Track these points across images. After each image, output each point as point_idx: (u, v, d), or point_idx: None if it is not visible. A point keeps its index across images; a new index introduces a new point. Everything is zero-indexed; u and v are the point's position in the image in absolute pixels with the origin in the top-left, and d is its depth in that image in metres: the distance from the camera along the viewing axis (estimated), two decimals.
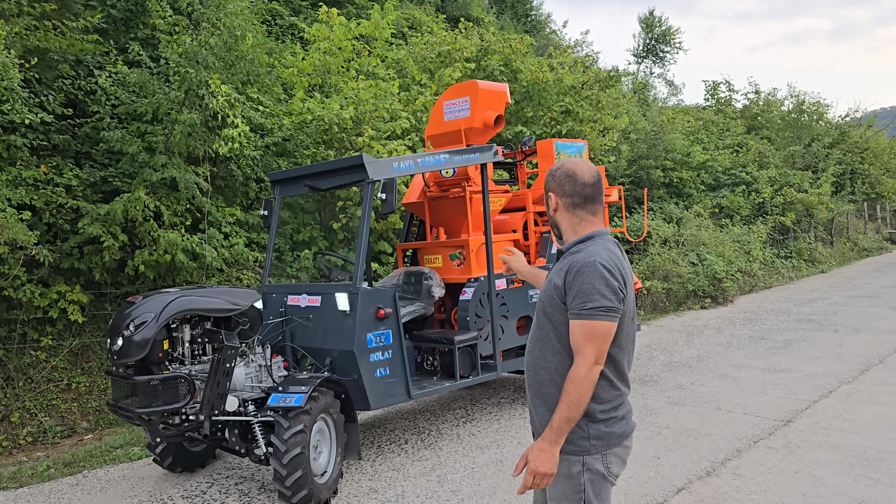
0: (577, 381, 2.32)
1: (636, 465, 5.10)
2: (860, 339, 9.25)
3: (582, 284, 2.35)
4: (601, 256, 2.39)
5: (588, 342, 2.33)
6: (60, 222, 7.17)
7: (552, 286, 2.47)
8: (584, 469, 2.41)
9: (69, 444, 6.47)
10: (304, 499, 4.41)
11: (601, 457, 2.42)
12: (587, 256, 2.40)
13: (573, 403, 2.32)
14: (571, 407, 2.33)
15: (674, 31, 36.25)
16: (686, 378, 7.71)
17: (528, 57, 13.04)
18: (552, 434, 2.35)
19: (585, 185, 2.51)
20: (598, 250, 2.42)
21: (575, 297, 2.36)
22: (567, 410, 2.33)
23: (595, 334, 2.32)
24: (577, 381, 2.32)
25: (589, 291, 2.33)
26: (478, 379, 6.08)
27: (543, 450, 2.35)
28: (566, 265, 2.45)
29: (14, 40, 6.91)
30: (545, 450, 2.35)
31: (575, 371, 2.33)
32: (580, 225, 2.54)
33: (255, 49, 9.03)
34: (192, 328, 4.70)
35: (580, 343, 2.34)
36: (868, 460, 4.96)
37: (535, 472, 2.36)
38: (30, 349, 7.04)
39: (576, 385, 2.32)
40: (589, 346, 2.32)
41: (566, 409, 2.33)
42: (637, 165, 15.94)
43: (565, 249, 2.54)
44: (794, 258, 18.79)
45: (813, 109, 24.20)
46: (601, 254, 2.40)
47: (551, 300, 2.46)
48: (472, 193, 6.65)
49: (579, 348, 2.35)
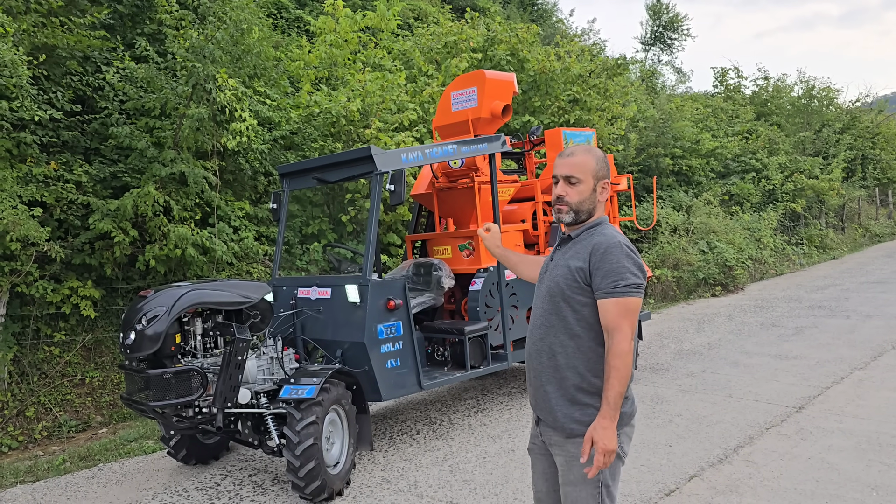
0: (624, 355, 2.37)
1: (648, 452, 5.10)
2: (872, 325, 9.20)
3: (611, 264, 2.41)
4: (621, 238, 2.48)
5: (624, 318, 2.39)
6: (71, 218, 7.21)
7: (571, 269, 2.49)
8: None
9: (84, 438, 6.53)
10: (317, 489, 4.44)
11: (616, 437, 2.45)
12: (610, 238, 2.46)
13: (623, 378, 2.38)
14: (622, 381, 2.38)
15: (681, 18, 35.95)
16: (697, 366, 7.70)
17: (534, 46, 12.98)
18: (611, 410, 2.38)
19: None
20: (615, 233, 2.50)
21: (605, 276, 2.41)
22: (619, 385, 2.37)
23: (630, 310, 2.40)
24: (623, 355, 2.37)
25: (620, 270, 2.40)
26: (488, 369, 6.09)
27: (607, 427, 2.38)
28: (588, 247, 2.48)
29: (22, 37, 6.94)
30: (608, 427, 2.38)
31: (619, 346, 2.38)
32: (599, 207, 2.60)
33: (262, 42, 9.02)
34: (203, 322, 4.72)
35: (617, 320, 2.40)
36: (881, 446, 4.95)
37: (606, 451, 2.37)
38: (43, 345, 7.10)
39: (622, 359, 2.37)
40: (626, 322, 2.39)
41: (618, 384, 2.37)
42: (646, 154, 15.86)
43: (575, 235, 2.57)
44: (805, 245, 18.68)
45: (823, 95, 24.00)
46: (619, 236, 2.49)
47: (571, 283, 2.49)
48: (480, 184, 6.64)
49: (617, 325, 2.39)
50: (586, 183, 2.54)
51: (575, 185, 2.54)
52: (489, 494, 4.56)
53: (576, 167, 2.54)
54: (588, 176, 2.54)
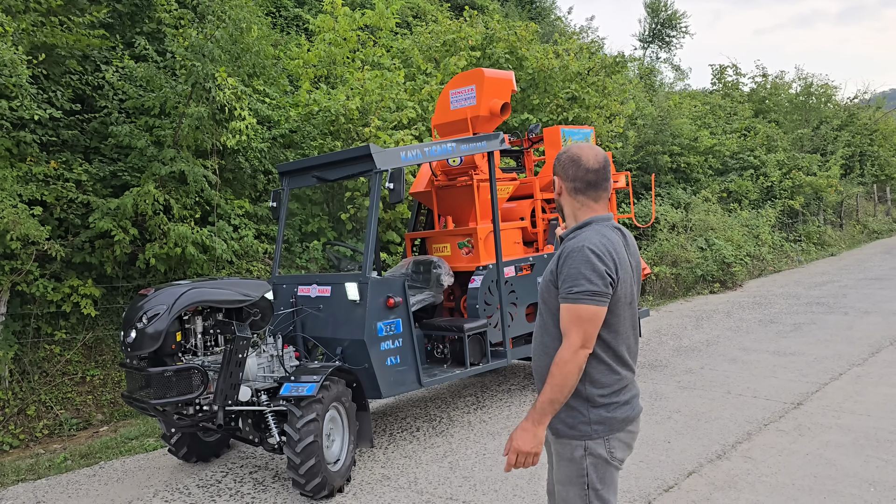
0: (561, 363, 2.34)
1: (647, 449, 5.13)
2: (870, 322, 9.23)
3: (569, 269, 2.37)
4: (591, 241, 2.39)
5: (574, 325, 2.34)
6: (71, 217, 7.22)
7: (548, 272, 2.50)
8: (587, 454, 2.44)
9: (85, 437, 6.55)
10: (317, 486, 4.46)
11: (604, 441, 2.44)
12: (578, 242, 2.41)
13: (556, 385, 2.34)
14: (554, 389, 2.34)
15: (680, 16, 35.93)
16: (696, 362, 7.73)
17: (533, 44, 12.98)
18: (535, 414, 2.38)
19: (588, 171, 2.49)
20: (591, 235, 2.43)
21: (563, 281, 2.38)
22: (550, 391, 2.35)
23: (581, 318, 2.34)
24: (560, 363, 2.34)
25: (575, 276, 2.35)
26: (488, 366, 6.11)
27: (525, 429, 2.39)
28: (560, 251, 2.47)
29: (21, 37, 6.95)
30: (527, 429, 2.38)
31: (559, 354, 2.36)
32: (580, 210, 2.53)
33: (261, 41, 9.03)
34: (204, 320, 4.74)
35: (566, 326, 2.37)
36: (879, 441, 4.97)
37: (518, 451, 2.39)
38: (44, 343, 7.12)
39: (559, 367, 2.34)
40: (574, 330, 2.34)
41: (549, 390, 2.35)
42: (644, 151, 15.87)
43: (565, 236, 2.54)
44: (804, 242, 18.71)
45: (821, 92, 23.99)
46: (592, 238, 2.41)
47: (547, 286, 2.49)
48: (479, 182, 6.66)
49: (566, 331, 2.37)
50: (554, 183, 2.59)
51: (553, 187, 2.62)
52: (489, 491, 4.58)
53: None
54: (553, 175, 2.58)
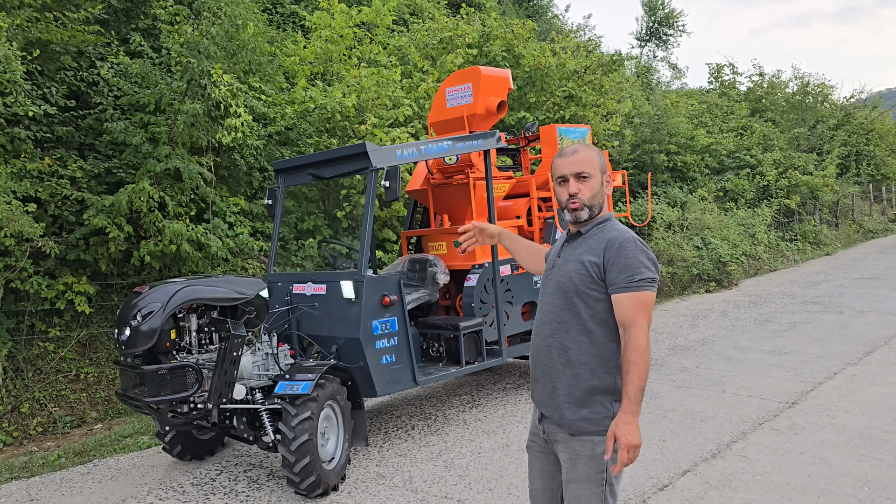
0: (642, 350, 2.39)
1: (642, 448, 5.08)
2: (865, 321, 9.25)
3: (627, 259, 2.44)
4: (633, 233, 2.52)
5: (641, 312, 2.41)
6: (66, 214, 7.20)
7: (585, 264, 2.50)
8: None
9: (79, 434, 6.53)
10: (312, 485, 4.45)
11: None
12: (623, 233, 2.50)
13: (643, 372, 2.38)
14: (642, 376, 2.38)
15: (677, 14, 35.90)
16: (691, 361, 7.73)
17: (530, 42, 12.97)
18: (632, 405, 2.39)
19: None
20: (626, 228, 2.54)
21: (621, 271, 2.43)
22: (639, 380, 2.38)
23: (645, 304, 2.42)
24: (641, 350, 2.39)
25: (635, 265, 2.43)
26: (483, 365, 6.10)
27: (629, 423, 2.39)
28: (601, 242, 2.50)
29: (16, 32, 6.92)
30: (631, 423, 2.39)
31: (637, 341, 2.39)
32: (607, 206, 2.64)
33: (257, 38, 9.01)
34: (198, 318, 4.72)
35: (634, 315, 2.41)
36: (873, 441, 4.98)
37: (630, 446, 2.38)
38: (38, 340, 7.09)
39: (641, 354, 2.39)
40: (643, 316, 2.41)
41: (637, 378, 2.38)
42: (641, 150, 15.88)
43: (585, 231, 2.58)
44: (799, 241, 18.75)
45: (817, 91, 24.06)
46: (631, 231, 2.53)
47: (585, 278, 2.50)
48: (475, 180, 6.65)
49: (634, 320, 2.41)
50: (595, 178, 2.57)
51: (586, 181, 2.56)
52: (483, 489, 4.58)
53: (584, 163, 2.56)
54: (596, 170, 2.57)
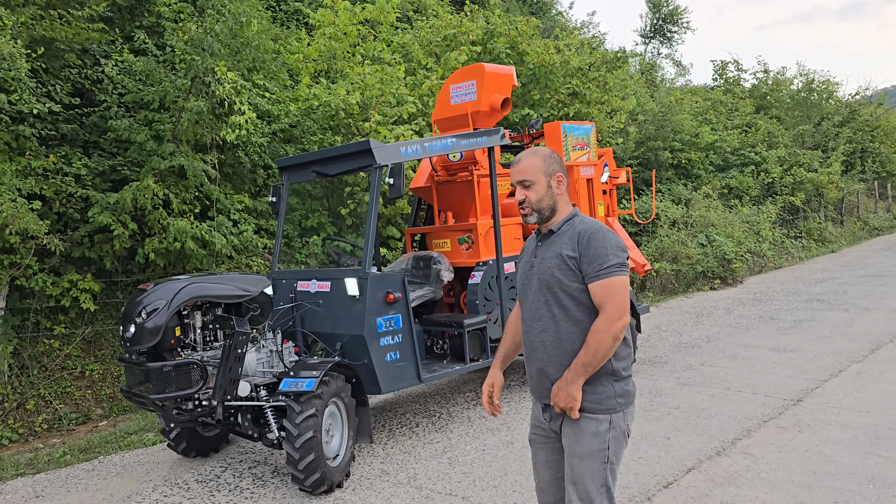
0: (596, 332, 2.53)
1: (646, 445, 5.12)
2: (870, 318, 9.22)
3: (595, 249, 2.57)
4: (601, 224, 2.68)
5: (609, 298, 2.54)
6: (70, 211, 7.21)
7: (562, 258, 2.63)
8: (611, 427, 2.60)
9: (84, 431, 6.55)
10: (316, 482, 4.46)
11: (623, 414, 2.63)
12: (591, 225, 2.64)
13: (594, 352, 2.53)
14: (589, 353, 2.54)
15: (681, 11, 35.81)
16: (695, 359, 7.72)
17: (534, 39, 12.94)
18: (570, 374, 2.57)
19: None
20: (594, 220, 2.70)
21: (590, 261, 2.57)
22: (586, 356, 2.54)
23: (615, 288, 2.54)
24: (595, 332, 2.54)
25: (602, 255, 2.56)
26: (487, 362, 6.10)
27: (561, 388, 2.59)
28: (574, 236, 2.64)
29: (20, 30, 6.92)
30: (562, 388, 2.59)
31: (595, 324, 2.55)
32: (567, 204, 2.78)
33: (261, 35, 9.00)
34: (203, 315, 4.73)
35: (602, 301, 2.55)
36: (878, 438, 4.97)
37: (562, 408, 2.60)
38: (43, 338, 7.11)
39: (595, 335, 2.53)
40: (609, 302, 2.54)
41: (585, 354, 2.55)
42: (645, 147, 15.85)
43: (557, 228, 2.73)
44: (804, 238, 18.69)
45: (822, 88, 23.95)
46: (598, 222, 2.69)
47: (566, 271, 2.63)
48: (479, 177, 6.64)
49: (602, 305, 2.56)
50: (539, 182, 2.71)
51: (530, 188, 2.72)
52: (488, 486, 4.58)
53: (525, 171, 2.73)
54: (538, 175, 2.71)
